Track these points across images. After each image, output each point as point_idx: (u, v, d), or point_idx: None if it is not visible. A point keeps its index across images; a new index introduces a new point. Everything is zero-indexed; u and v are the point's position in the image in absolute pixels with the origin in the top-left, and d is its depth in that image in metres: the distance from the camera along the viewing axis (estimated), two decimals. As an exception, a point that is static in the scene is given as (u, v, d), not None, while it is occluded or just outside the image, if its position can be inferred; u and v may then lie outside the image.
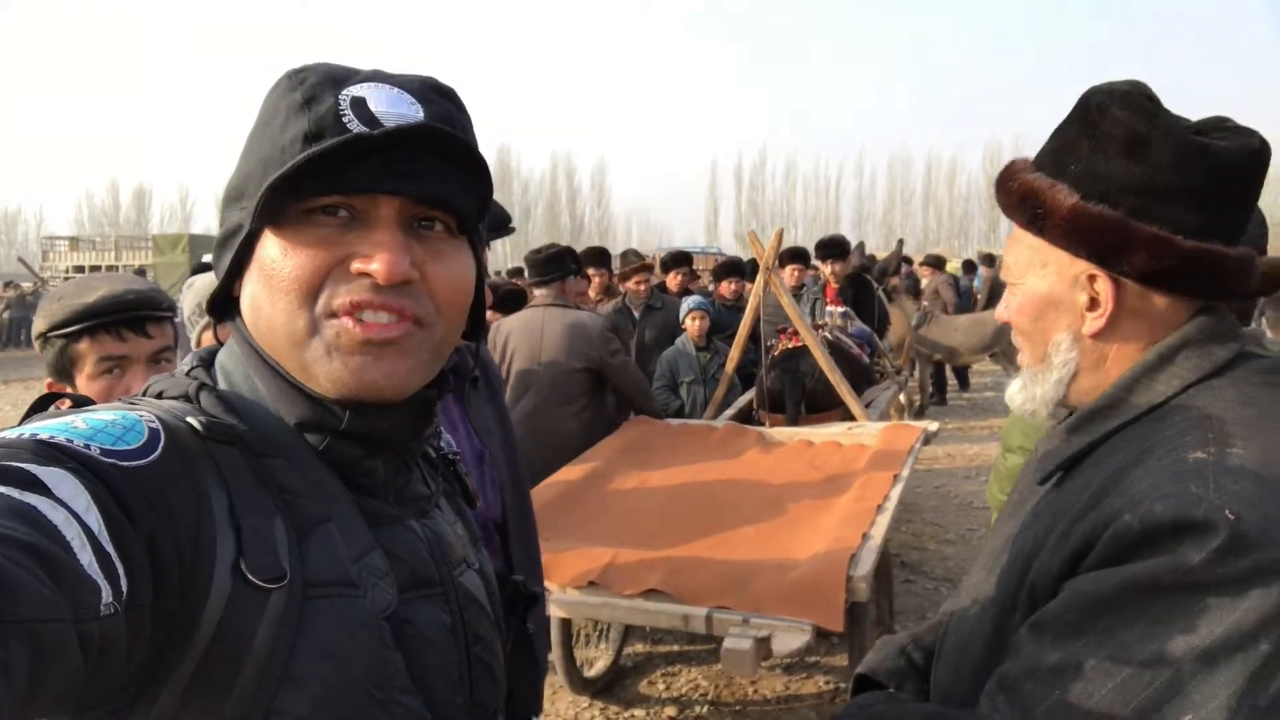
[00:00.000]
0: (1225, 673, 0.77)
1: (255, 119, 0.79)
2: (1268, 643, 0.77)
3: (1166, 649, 0.79)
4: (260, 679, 0.67)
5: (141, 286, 1.65)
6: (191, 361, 0.84)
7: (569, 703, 3.81)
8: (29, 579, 0.50)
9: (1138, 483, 0.89)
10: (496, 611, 0.93)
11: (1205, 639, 0.78)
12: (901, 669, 1.25)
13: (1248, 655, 0.77)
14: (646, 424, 4.45)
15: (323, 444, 0.77)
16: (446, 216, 0.78)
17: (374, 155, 0.72)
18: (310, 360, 0.75)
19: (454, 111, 0.81)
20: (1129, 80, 1.02)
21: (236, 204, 0.78)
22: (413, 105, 0.77)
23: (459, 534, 0.92)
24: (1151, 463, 0.91)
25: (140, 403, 0.75)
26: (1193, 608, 0.80)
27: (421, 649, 0.78)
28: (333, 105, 0.74)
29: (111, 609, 0.56)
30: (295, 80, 0.77)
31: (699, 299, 5.86)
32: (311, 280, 0.73)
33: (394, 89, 0.77)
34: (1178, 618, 0.80)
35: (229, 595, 0.66)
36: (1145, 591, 0.83)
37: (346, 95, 0.75)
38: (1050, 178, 1.03)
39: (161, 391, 0.79)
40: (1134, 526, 0.85)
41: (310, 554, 0.72)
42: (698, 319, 5.60)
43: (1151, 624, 0.81)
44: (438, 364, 0.82)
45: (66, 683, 0.52)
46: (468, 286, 0.82)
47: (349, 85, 0.76)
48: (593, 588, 2.84)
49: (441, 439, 1.03)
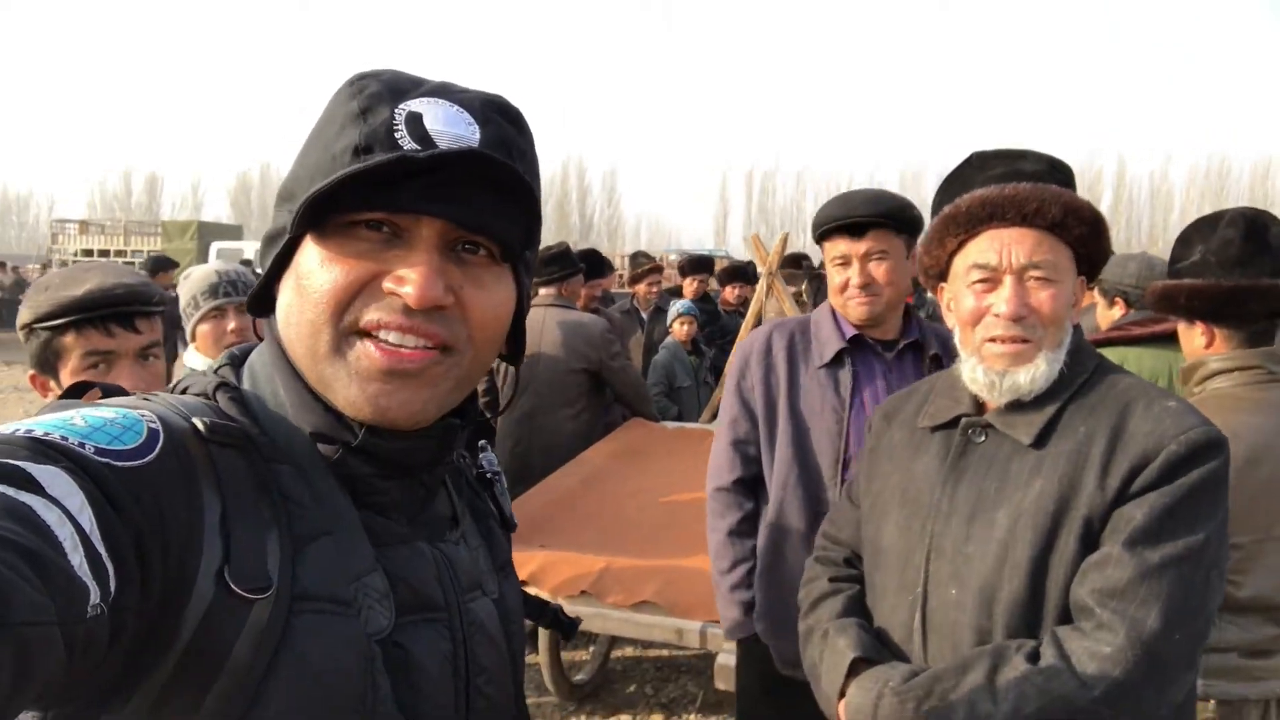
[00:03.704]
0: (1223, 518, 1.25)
1: (317, 120, 0.78)
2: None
3: (1216, 521, 1.22)
4: (236, 689, 0.65)
5: (132, 280, 1.62)
6: (223, 359, 0.83)
7: (555, 707, 3.78)
8: (19, 581, 0.50)
9: (1158, 423, 1.25)
10: (513, 644, 0.90)
11: (1224, 509, 1.25)
12: (870, 642, 1.44)
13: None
14: (642, 427, 4.42)
15: (335, 456, 0.76)
16: (490, 243, 0.77)
17: (420, 175, 0.71)
18: (330, 378, 0.74)
19: (514, 135, 0.79)
20: None
21: (285, 205, 0.77)
22: (470, 126, 0.75)
23: (479, 560, 0.89)
24: (1142, 410, 1.28)
25: (154, 399, 0.74)
26: (1221, 495, 1.24)
27: (414, 676, 0.76)
28: (387, 119, 0.72)
29: (98, 610, 0.56)
30: (356, 88, 0.75)
31: (687, 304, 5.84)
32: (343, 294, 0.72)
33: (454, 107, 0.75)
34: (1220, 501, 1.24)
35: (210, 603, 0.65)
36: (1199, 491, 1.21)
37: (404, 110, 0.73)
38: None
39: (187, 387, 0.79)
40: (1180, 451, 1.22)
41: (304, 567, 0.70)
42: (686, 323, 5.58)
43: (1212, 509, 1.22)
44: (463, 392, 0.80)
45: (48, 683, 0.52)
46: (505, 315, 0.80)
47: (408, 99, 0.74)
48: (584, 597, 2.81)
49: (484, 456, 1.02)
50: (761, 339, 2.23)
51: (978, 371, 1.35)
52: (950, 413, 1.43)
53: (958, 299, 1.40)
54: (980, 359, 1.35)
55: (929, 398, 1.51)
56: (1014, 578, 1.27)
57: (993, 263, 1.32)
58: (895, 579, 1.42)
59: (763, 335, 2.24)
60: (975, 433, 1.39)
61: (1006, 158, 1.41)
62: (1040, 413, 1.33)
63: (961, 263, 1.38)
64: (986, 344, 1.34)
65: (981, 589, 1.29)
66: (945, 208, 1.39)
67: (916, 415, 1.51)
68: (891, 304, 2.07)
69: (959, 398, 1.43)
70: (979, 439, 1.38)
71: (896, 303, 2.09)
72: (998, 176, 1.37)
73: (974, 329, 1.36)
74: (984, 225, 1.34)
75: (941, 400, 1.47)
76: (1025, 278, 1.32)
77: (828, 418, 2.08)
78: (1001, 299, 1.32)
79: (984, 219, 1.33)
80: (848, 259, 2.07)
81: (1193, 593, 1.19)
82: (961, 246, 1.38)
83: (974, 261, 1.35)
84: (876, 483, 1.52)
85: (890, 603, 1.43)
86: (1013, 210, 1.31)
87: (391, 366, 0.72)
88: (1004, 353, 1.32)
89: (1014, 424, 1.34)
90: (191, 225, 24.73)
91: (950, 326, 1.46)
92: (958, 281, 1.39)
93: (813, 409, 2.11)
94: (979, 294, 1.35)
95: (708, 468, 2.28)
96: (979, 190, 1.35)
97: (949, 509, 1.36)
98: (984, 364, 1.34)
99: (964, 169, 1.45)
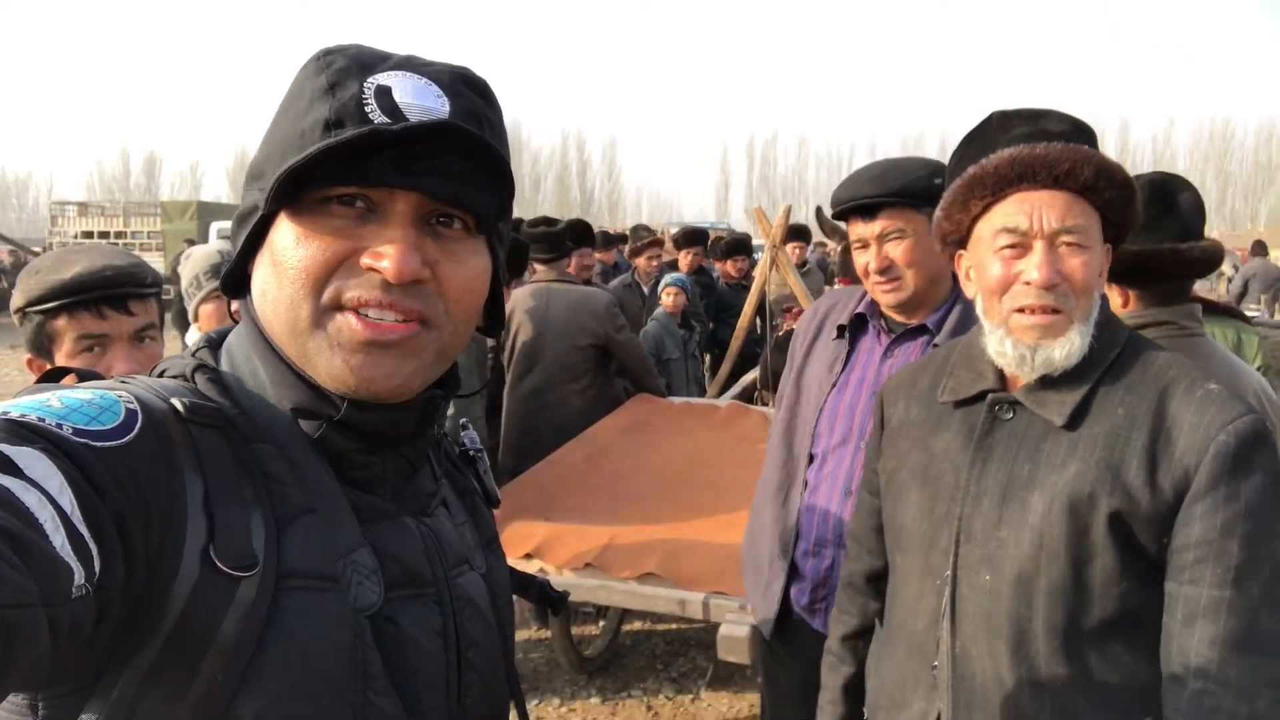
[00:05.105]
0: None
1: (284, 96, 0.78)
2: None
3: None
4: (224, 669, 0.65)
5: (122, 262, 1.59)
6: (200, 341, 0.83)
7: (565, 681, 3.80)
8: (1, 565, 0.50)
9: (1200, 412, 1.18)
10: (502, 618, 0.91)
11: None
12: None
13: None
14: (649, 402, 4.40)
15: (317, 432, 0.76)
16: (465, 215, 0.77)
17: (393, 149, 0.70)
18: (312, 351, 0.74)
19: (482, 107, 0.78)
20: None
21: (256, 183, 0.77)
22: (439, 98, 0.75)
23: (465, 535, 0.90)
24: (1184, 394, 1.20)
25: (132, 381, 0.74)
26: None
27: (404, 650, 0.76)
28: (356, 93, 0.72)
29: (83, 590, 0.56)
30: (323, 63, 0.75)
31: (678, 275, 5.79)
32: (320, 271, 0.72)
33: (422, 79, 0.75)
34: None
35: (195, 581, 0.65)
36: (1267, 489, 1.15)
37: (372, 83, 0.73)
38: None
39: (165, 370, 0.79)
40: (1231, 443, 1.15)
41: (289, 544, 0.70)
42: (673, 294, 5.52)
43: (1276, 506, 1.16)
44: (444, 364, 0.80)
45: (34, 665, 0.52)
46: (481, 287, 0.80)
47: (376, 72, 0.74)
48: (589, 569, 2.81)
49: (466, 435, 1.03)
50: (819, 307, 2.20)
51: (1006, 344, 1.26)
52: (974, 387, 1.35)
53: (981, 266, 1.30)
54: (1009, 331, 1.26)
55: (947, 370, 1.42)
56: (1053, 565, 1.21)
57: (1023, 226, 1.23)
58: (919, 562, 1.36)
59: (824, 303, 2.21)
60: (1003, 409, 1.31)
61: (1029, 118, 1.32)
62: (1073, 392, 1.25)
63: (987, 227, 1.29)
64: (1015, 315, 1.25)
65: (1019, 576, 1.23)
66: (969, 169, 1.29)
67: (934, 390, 1.42)
68: (922, 287, 1.90)
69: (982, 370, 1.34)
70: (1007, 415, 1.31)
71: (930, 283, 1.91)
72: (1022, 136, 1.28)
73: (1001, 298, 1.27)
74: (1012, 187, 1.25)
75: (962, 373, 1.38)
76: (1057, 243, 1.23)
77: (816, 392, 2.05)
78: (1033, 265, 1.23)
79: (1013, 180, 1.24)
80: (865, 241, 1.93)
81: None
82: (986, 210, 1.29)
83: (1002, 225, 1.25)
84: (893, 461, 1.45)
85: (915, 588, 1.37)
86: (1044, 171, 1.23)
87: (373, 338, 0.72)
88: (1034, 324, 1.24)
89: (1045, 402, 1.27)
90: (191, 205, 24.69)
91: (970, 296, 1.37)
92: (982, 247, 1.30)
93: (809, 381, 2.09)
94: (1007, 260, 1.25)
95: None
96: (1006, 150, 1.26)
97: (978, 490, 1.29)
98: (1013, 336, 1.26)
99: (984, 129, 1.36)
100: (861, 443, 1.92)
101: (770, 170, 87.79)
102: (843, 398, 2.00)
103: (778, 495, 2.08)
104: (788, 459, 2.09)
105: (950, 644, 1.30)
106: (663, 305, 5.54)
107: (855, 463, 1.92)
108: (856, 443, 1.94)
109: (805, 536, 2.00)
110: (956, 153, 1.40)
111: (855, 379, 2.00)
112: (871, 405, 1.89)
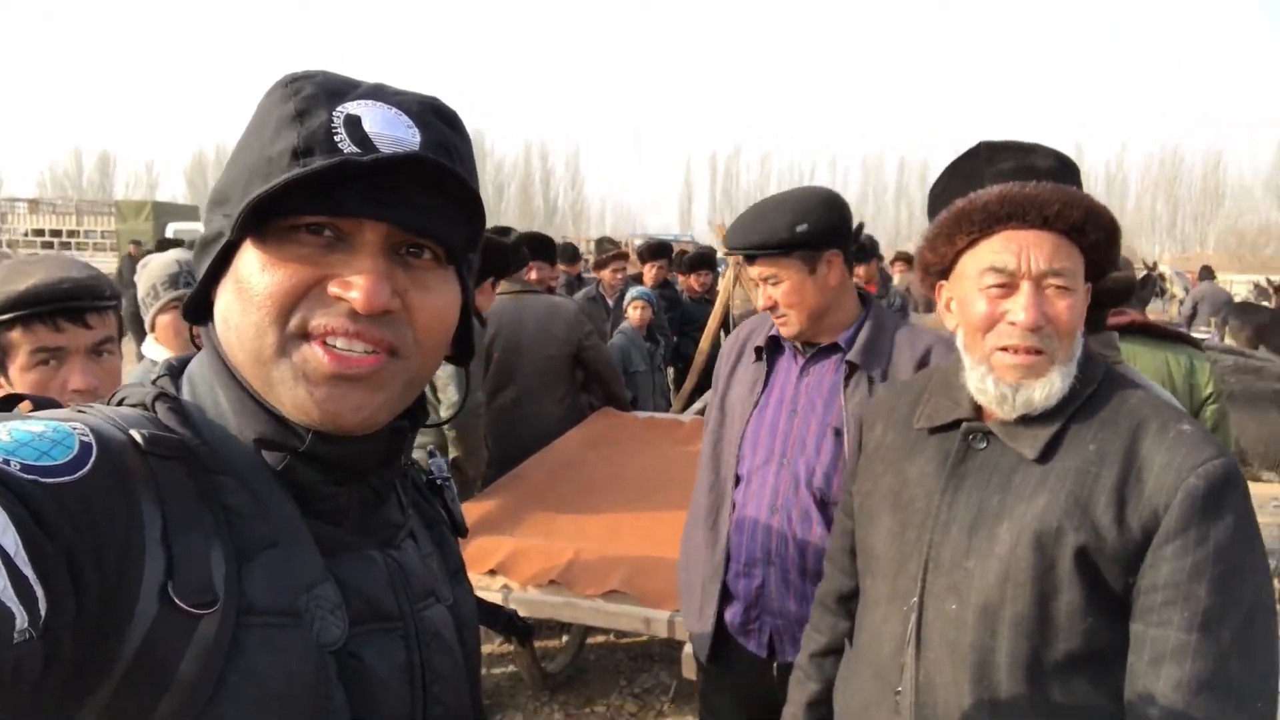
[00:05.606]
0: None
1: (249, 122, 0.77)
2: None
3: (1261, 561, 1.18)
4: (184, 706, 0.64)
5: (80, 274, 1.55)
6: (160, 369, 0.81)
7: (529, 697, 3.77)
8: None
9: (1171, 453, 1.18)
10: (468, 650, 0.90)
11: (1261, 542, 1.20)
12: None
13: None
14: (613, 416, 4.40)
15: (281, 464, 0.74)
16: (435, 246, 0.76)
17: (362, 179, 0.70)
18: (276, 381, 0.73)
19: (452, 137, 0.78)
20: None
21: (220, 209, 0.75)
22: (409, 129, 0.74)
23: (432, 567, 0.89)
24: (1156, 434, 1.21)
25: (90, 411, 0.72)
26: (1256, 531, 1.18)
27: (369, 686, 0.75)
28: (325, 121, 0.72)
29: (27, 635, 0.54)
30: (290, 90, 0.74)
31: (643, 289, 5.81)
32: (287, 298, 0.71)
33: (391, 109, 0.75)
34: (1253, 535, 1.18)
35: (153, 619, 0.64)
36: (1237, 532, 1.15)
37: (341, 112, 0.72)
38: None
39: (124, 398, 0.77)
40: (1201, 485, 1.15)
41: (250, 580, 0.69)
42: (640, 308, 5.54)
43: (1250, 548, 1.17)
44: (412, 395, 0.79)
45: None
46: (451, 318, 0.80)
47: (345, 101, 0.73)
48: (554, 586, 2.80)
49: (434, 463, 1.02)
50: (740, 332, 2.26)
51: (987, 382, 1.27)
52: (949, 415, 1.36)
53: (965, 302, 1.30)
54: (990, 368, 1.26)
55: (923, 397, 1.43)
56: (1018, 597, 1.21)
57: (1010, 266, 1.23)
58: (887, 586, 1.37)
59: (745, 327, 2.26)
60: (977, 439, 1.32)
61: (1017, 151, 1.32)
62: (1047, 426, 1.26)
63: (973, 263, 1.28)
64: (998, 353, 1.25)
65: (985, 606, 1.24)
66: (957, 201, 1.28)
67: (911, 415, 1.43)
68: (809, 322, 1.99)
69: (958, 399, 1.35)
70: (980, 445, 1.32)
71: (816, 317, 1.99)
72: (1009, 171, 1.28)
73: (984, 336, 1.27)
74: (1001, 225, 1.25)
75: (939, 400, 1.39)
76: (1044, 285, 1.23)
77: (739, 414, 2.10)
78: (1019, 306, 1.23)
79: (1002, 218, 1.24)
80: (756, 282, 2.05)
81: (1270, 649, 1.16)
82: (972, 245, 1.28)
83: (989, 264, 1.25)
84: (868, 483, 1.46)
85: (882, 612, 1.38)
86: (1034, 211, 1.22)
87: (340, 371, 0.71)
88: (1017, 364, 1.24)
89: (1018, 435, 1.27)
90: (146, 205, 24.31)
91: (951, 328, 1.36)
92: (967, 283, 1.29)
93: (732, 404, 2.14)
94: (993, 299, 1.25)
95: None
96: (996, 187, 1.25)
97: (948, 518, 1.30)
98: (994, 374, 1.26)
99: (970, 160, 1.36)
100: (784, 460, 1.99)
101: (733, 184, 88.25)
102: (764, 418, 2.05)
103: (708, 518, 2.12)
104: (715, 481, 2.13)
105: (914, 670, 1.30)
106: (629, 319, 5.55)
107: (780, 481, 1.98)
108: (779, 461, 2.00)
109: (736, 558, 2.04)
110: (940, 181, 1.40)
111: (775, 399, 2.06)
112: (793, 424, 1.99)
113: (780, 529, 1.96)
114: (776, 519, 1.96)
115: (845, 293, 2.03)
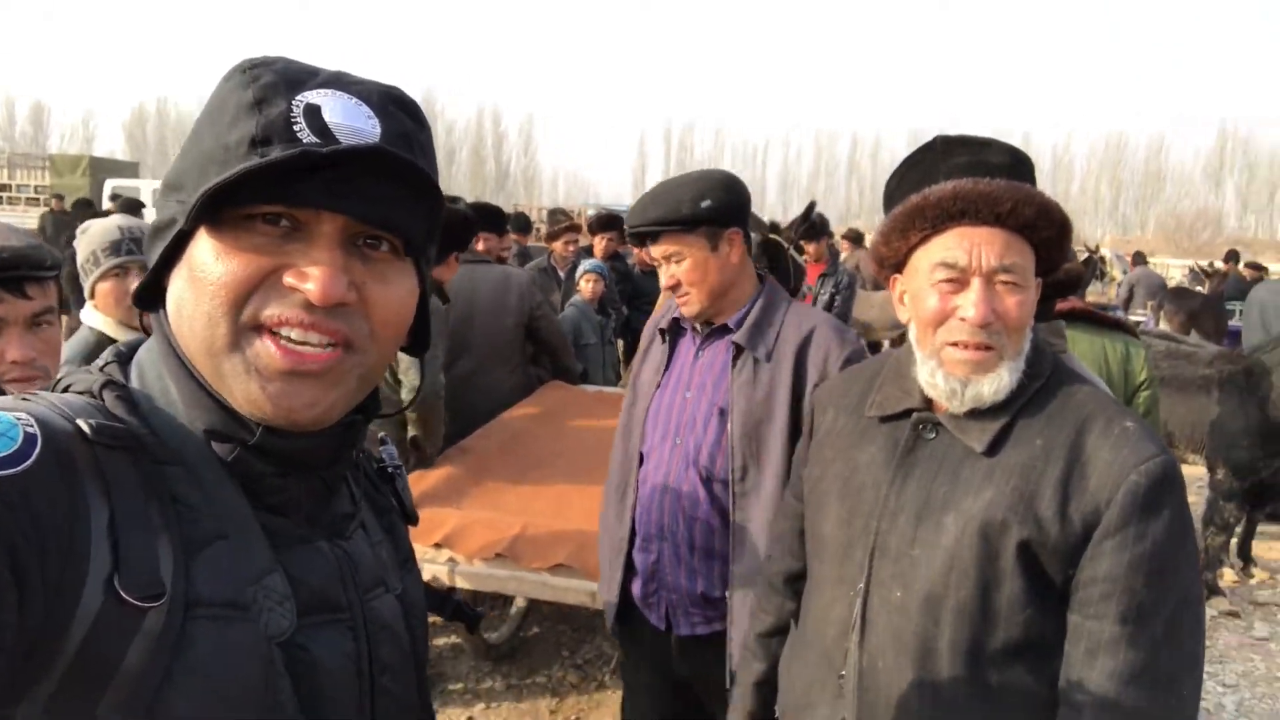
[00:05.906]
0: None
1: (204, 106, 0.75)
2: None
3: (1192, 558, 1.23)
4: (130, 699, 0.64)
5: (18, 243, 1.50)
6: (108, 356, 0.79)
7: (470, 668, 3.79)
8: None
9: (1115, 450, 1.22)
10: (416, 639, 0.90)
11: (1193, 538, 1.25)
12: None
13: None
14: (562, 390, 4.38)
15: (230, 455, 0.73)
16: (393, 237, 0.75)
17: (321, 170, 0.69)
18: (227, 372, 0.72)
19: (412, 128, 0.78)
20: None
21: (174, 195, 0.74)
22: (370, 119, 0.74)
23: (381, 556, 0.88)
24: (1101, 430, 1.24)
25: (35, 399, 0.71)
26: (1190, 528, 1.23)
27: (316, 677, 0.74)
28: (285, 111, 0.71)
29: None
30: (249, 76, 0.73)
31: (596, 262, 5.78)
32: (241, 287, 0.70)
33: (351, 99, 0.74)
34: (1190, 533, 1.23)
35: (98, 612, 0.63)
36: (1173, 528, 1.19)
37: (301, 101, 0.71)
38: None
39: (70, 385, 0.75)
40: (1143, 483, 1.19)
41: (198, 572, 0.68)
42: (592, 281, 5.52)
43: (1187, 550, 1.22)
44: (366, 389, 0.79)
45: None
46: (407, 311, 0.79)
47: (305, 90, 0.72)
48: (500, 560, 2.80)
49: (385, 450, 1.01)
50: (656, 314, 2.31)
51: (937, 376, 1.29)
52: (900, 404, 1.38)
53: (917, 297, 1.31)
54: (940, 363, 1.28)
55: (875, 385, 1.45)
56: (962, 587, 1.24)
57: (961, 263, 1.24)
58: (834, 571, 1.39)
59: (661, 309, 2.32)
60: (926, 429, 1.34)
61: (972, 146, 1.33)
62: (995, 420, 1.29)
63: (925, 259, 1.29)
64: (948, 348, 1.27)
65: (929, 595, 1.26)
66: (912, 197, 1.29)
67: (862, 402, 1.45)
68: (710, 300, 2.02)
69: (909, 389, 1.36)
70: (930, 435, 1.34)
71: (718, 296, 2.02)
72: (963, 166, 1.29)
73: (935, 330, 1.28)
74: (954, 221, 1.26)
75: (890, 389, 1.41)
76: (994, 281, 1.24)
77: (645, 393, 2.17)
78: (969, 302, 1.24)
79: (954, 214, 1.25)
80: (658, 262, 2.07)
81: (1197, 638, 1.22)
82: (925, 240, 1.30)
83: (940, 260, 1.26)
84: (818, 469, 1.49)
85: (828, 595, 1.41)
86: (986, 208, 1.24)
87: (293, 367, 0.71)
88: (966, 359, 1.26)
89: (966, 429, 1.30)
90: (83, 160, 23.41)
91: (904, 321, 1.38)
92: (919, 278, 1.31)
93: (642, 383, 2.21)
94: (944, 294, 1.26)
95: None
96: (950, 182, 1.26)
97: (895, 507, 1.32)
98: (944, 369, 1.28)
99: (925, 154, 1.36)
100: (677, 439, 2.06)
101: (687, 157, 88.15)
102: (664, 397, 2.13)
103: (617, 493, 2.21)
104: (624, 459, 2.21)
105: (858, 655, 1.33)
106: (580, 292, 5.52)
107: (673, 459, 2.05)
108: (673, 440, 2.07)
109: (638, 532, 2.12)
110: (896, 174, 1.41)
111: (674, 379, 2.13)
112: (685, 403, 2.06)
113: (672, 506, 2.04)
114: (669, 497, 2.04)
115: (744, 273, 2.08)
